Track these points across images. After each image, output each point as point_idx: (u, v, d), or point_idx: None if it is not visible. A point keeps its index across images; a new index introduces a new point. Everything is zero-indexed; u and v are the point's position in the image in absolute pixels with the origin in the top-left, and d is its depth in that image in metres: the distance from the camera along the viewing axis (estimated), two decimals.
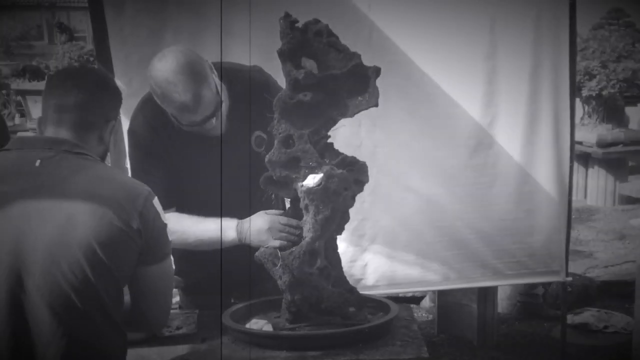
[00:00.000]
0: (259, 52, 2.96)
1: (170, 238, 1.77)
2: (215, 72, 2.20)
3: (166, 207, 2.27)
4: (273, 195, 2.38)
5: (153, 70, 2.13)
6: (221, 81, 2.24)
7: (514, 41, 3.23)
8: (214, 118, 2.17)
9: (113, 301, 1.63)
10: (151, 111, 2.28)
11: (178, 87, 2.09)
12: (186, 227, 2.27)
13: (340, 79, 2.06)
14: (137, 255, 1.65)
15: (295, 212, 2.15)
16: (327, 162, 2.06)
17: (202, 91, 2.11)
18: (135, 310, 1.77)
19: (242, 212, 2.24)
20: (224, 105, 2.20)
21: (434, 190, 3.30)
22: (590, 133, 7.96)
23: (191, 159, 2.30)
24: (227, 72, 2.26)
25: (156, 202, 1.71)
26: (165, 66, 2.11)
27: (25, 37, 19.20)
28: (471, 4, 3.19)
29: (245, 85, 2.28)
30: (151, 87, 2.17)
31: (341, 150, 2.14)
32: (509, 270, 3.42)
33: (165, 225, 1.73)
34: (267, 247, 2.07)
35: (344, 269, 2.19)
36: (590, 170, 8.07)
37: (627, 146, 7.97)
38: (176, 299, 2.53)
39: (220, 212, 2.20)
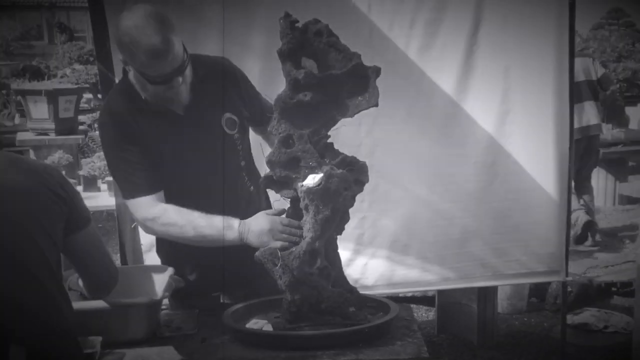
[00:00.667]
0: (259, 52, 2.97)
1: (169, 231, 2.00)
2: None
3: (151, 191, 2.26)
4: (252, 188, 2.38)
5: (121, 20, 2.13)
6: (223, 80, 2.25)
7: (514, 41, 3.23)
8: (181, 77, 2.16)
9: (56, 264, 1.71)
10: (120, 101, 2.28)
11: (147, 30, 2.07)
12: (187, 221, 2.23)
13: (340, 79, 2.06)
14: (64, 222, 1.73)
15: (295, 212, 2.15)
16: (327, 162, 2.06)
17: (170, 36, 2.10)
18: (85, 277, 1.91)
19: (215, 194, 2.25)
20: (188, 75, 2.20)
21: (434, 190, 3.30)
22: None
23: (165, 143, 2.28)
24: (191, 58, 2.27)
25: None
26: (133, 14, 2.11)
27: (25, 37, 19.22)
28: (470, 4, 3.19)
29: (208, 69, 2.30)
30: (119, 39, 2.15)
31: (341, 150, 2.14)
32: (509, 270, 3.42)
33: (78, 192, 1.84)
34: (267, 247, 2.07)
35: (344, 269, 2.20)
36: None
37: (627, 146, 7.96)
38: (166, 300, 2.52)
39: (210, 205, 2.22)
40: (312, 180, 2.01)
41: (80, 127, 6.99)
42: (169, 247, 2.42)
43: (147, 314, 2.11)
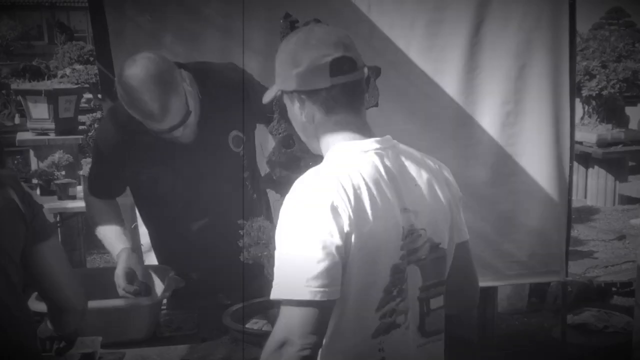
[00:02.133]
0: (258, 52, 2.97)
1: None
2: (187, 80, 2.18)
3: (102, 197, 2.38)
4: (255, 196, 2.39)
5: (122, 77, 2.11)
6: (202, 85, 2.24)
7: (514, 42, 3.22)
8: (182, 127, 2.15)
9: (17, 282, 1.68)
10: (120, 120, 2.27)
11: (145, 96, 2.06)
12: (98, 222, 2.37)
13: None
14: (23, 236, 1.69)
15: None
16: None
17: (169, 101, 2.08)
18: (46, 297, 1.81)
19: (223, 212, 2.27)
20: (193, 114, 2.18)
21: None
22: (590, 133, 7.96)
23: (164, 166, 2.28)
24: (198, 72, 2.25)
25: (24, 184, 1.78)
26: (134, 73, 2.08)
27: (25, 37, 19.19)
28: (471, 4, 3.19)
29: (215, 82, 2.27)
30: (119, 92, 2.15)
31: None
32: (509, 270, 3.41)
33: (42, 205, 1.79)
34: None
35: None
36: (590, 170, 8.08)
37: (627, 146, 7.97)
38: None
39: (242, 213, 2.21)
40: None
41: (80, 127, 6.99)
42: (165, 246, 2.43)
43: (148, 314, 2.11)
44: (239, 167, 2.30)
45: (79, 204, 4.90)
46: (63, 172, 5.29)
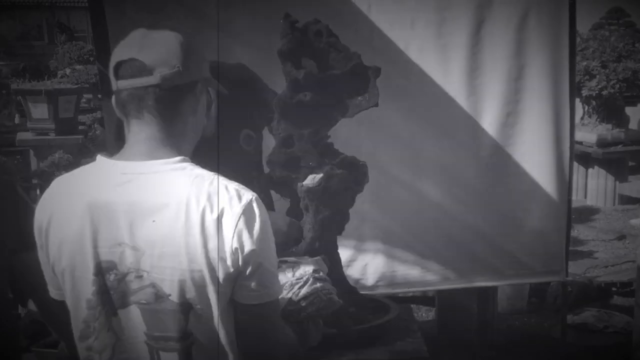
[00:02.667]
0: (258, 51, 2.97)
1: None
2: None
3: None
4: (262, 195, 2.38)
5: None
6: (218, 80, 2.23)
7: (515, 42, 3.23)
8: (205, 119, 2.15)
9: None
10: None
11: None
12: None
13: (340, 79, 2.06)
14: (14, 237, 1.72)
15: (295, 212, 2.15)
16: (327, 162, 2.06)
17: None
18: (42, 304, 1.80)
19: None
20: (214, 104, 2.18)
21: (434, 190, 3.30)
22: (590, 133, 7.96)
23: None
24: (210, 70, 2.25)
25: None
26: None
27: (25, 37, 19.22)
28: (471, 4, 3.19)
29: (228, 82, 2.27)
30: None
31: (341, 150, 2.14)
32: (509, 270, 3.42)
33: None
34: None
35: (344, 269, 2.20)
36: (590, 170, 8.08)
37: (627, 146, 7.97)
38: None
39: None
40: (312, 180, 2.01)
41: (80, 127, 7.00)
42: None
43: None
44: (248, 165, 2.30)
45: None
46: (63, 172, 5.28)
